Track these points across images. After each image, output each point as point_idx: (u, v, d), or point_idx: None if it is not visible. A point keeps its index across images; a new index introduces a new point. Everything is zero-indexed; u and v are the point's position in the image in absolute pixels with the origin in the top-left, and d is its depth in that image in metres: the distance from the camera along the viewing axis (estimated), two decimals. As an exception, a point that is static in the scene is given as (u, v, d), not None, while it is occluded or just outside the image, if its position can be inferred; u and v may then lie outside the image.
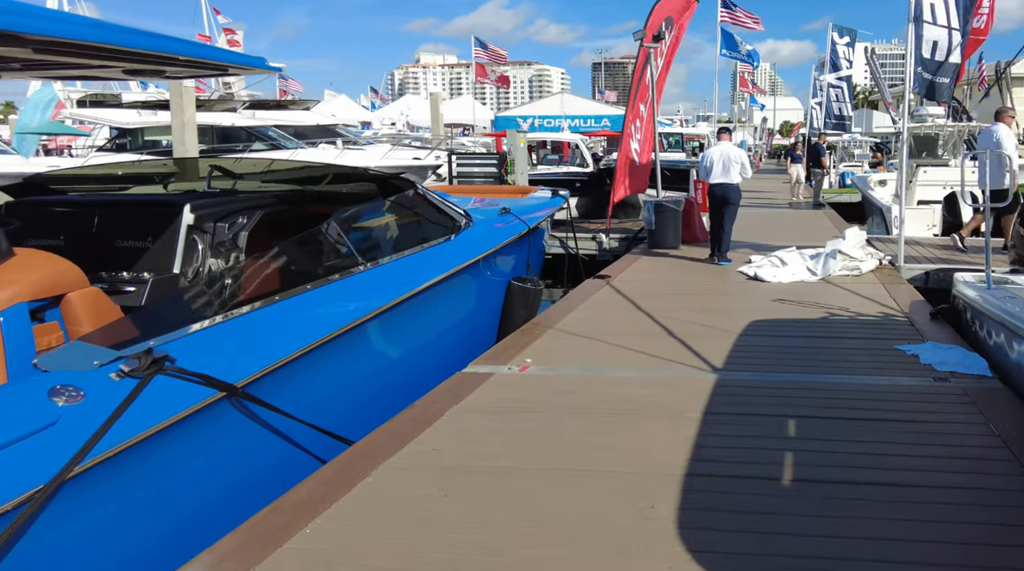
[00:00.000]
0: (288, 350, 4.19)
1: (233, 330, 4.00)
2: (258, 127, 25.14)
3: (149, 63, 4.41)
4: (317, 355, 4.43)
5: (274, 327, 4.28)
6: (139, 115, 25.29)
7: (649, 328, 6.85)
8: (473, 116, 37.33)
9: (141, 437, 3.18)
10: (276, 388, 4.09)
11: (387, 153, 24.66)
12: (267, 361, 4.03)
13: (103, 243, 5.19)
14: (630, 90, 12.93)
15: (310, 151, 24.49)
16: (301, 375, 4.35)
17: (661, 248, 11.66)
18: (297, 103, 32.26)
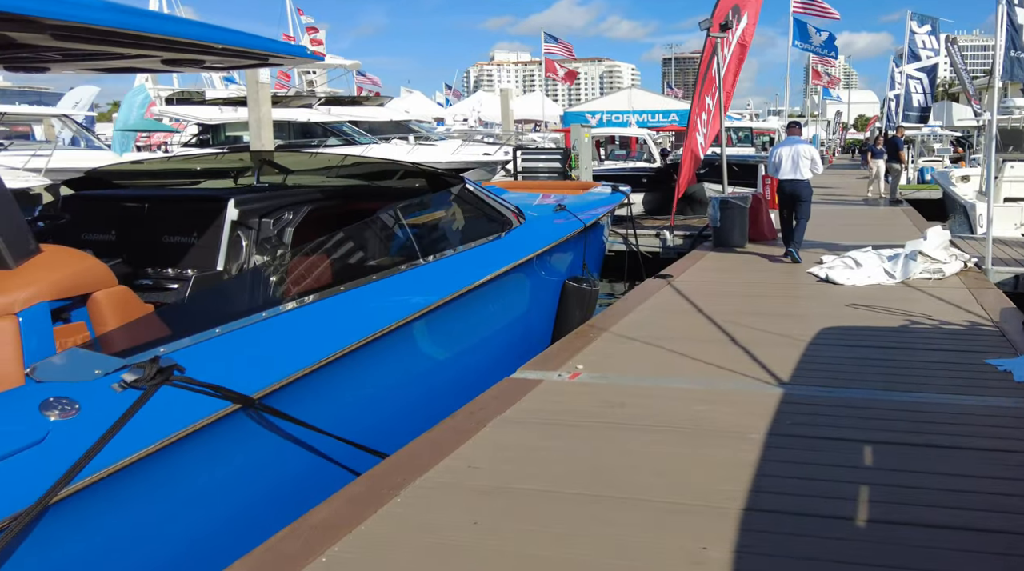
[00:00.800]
0: (323, 353, 3.84)
1: (263, 333, 3.65)
2: (333, 123, 25.25)
3: (186, 52, 4.12)
4: (356, 358, 4.07)
5: (309, 329, 3.93)
6: (220, 111, 25.66)
7: (710, 333, 6.29)
8: (542, 112, 36.83)
9: (140, 455, 2.85)
10: (309, 394, 3.75)
11: (457, 149, 24.47)
12: (299, 366, 3.68)
13: (150, 238, 4.97)
14: (695, 82, 12.26)
15: (383, 146, 24.48)
16: (338, 380, 4.00)
17: (726, 246, 11.00)
18: (371, 99, 32.34)
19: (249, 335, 3.58)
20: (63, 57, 4.18)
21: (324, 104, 27.46)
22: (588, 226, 6.92)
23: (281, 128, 25.45)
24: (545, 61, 33.56)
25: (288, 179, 5.97)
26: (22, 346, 3.29)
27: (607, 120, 34.06)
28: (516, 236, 5.79)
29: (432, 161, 23.91)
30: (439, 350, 5.06)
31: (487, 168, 22.20)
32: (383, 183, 5.70)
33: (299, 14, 47.99)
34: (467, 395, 4.91)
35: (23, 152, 16.44)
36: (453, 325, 5.12)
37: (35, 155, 16.20)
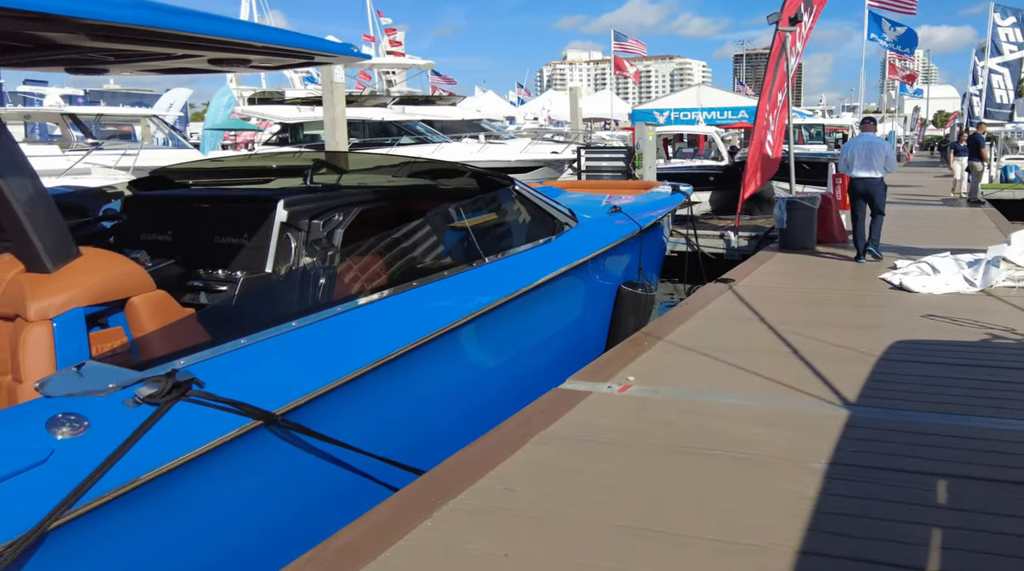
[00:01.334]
0: (363, 362, 3.61)
1: (298, 341, 3.44)
2: (407, 122, 25.34)
3: (231, 51, 3.96)
4: (398, 367, 3.84)
5: (348, 337, 3.70)
6: (299, 111, 25.99)
7: (771, 344, 5.83)
8: (611, 110, 36.20)
9: (151, 476, 2.65)
10: (347, 405, 3.53)
11: (526, 147, 24.25)
12: (337, 375, 3.45)
13: (202, 239, 4.85)
14: (763, 78, 11.65)
15: (454, 145, 24.47)
16: (379, 390, 3.78)
17: (793, 249, 10.40)
18: (444, 99, 32.36)
19: (283, 344, 3.37)
20: (115, 58, 4.07)
21: (398, 104, 27.62)
22: (645, 228, 6.53)
23: (356, 127, 25.71)
24: (614, 59, 32.96)
25: (341, 179, 5.78)
26: (56, 352, 3.16)
27: (675, 118, 33.23)
28: (568, 239, 5.46)
29: (501, 160, 23.74)
30: (486, 358, 4.79)
31: (555, 166, 21.88)
32: (433, 184, 5.45)
33: (379, 16, 48.60)
34: (516, 404, 4.64)
35: (114, 151, 16.88)
36: (500, 333, 4.84)
37: (124, 154, 16.61)
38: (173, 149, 20.94)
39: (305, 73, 39.09)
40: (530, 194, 5.28)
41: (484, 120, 30.36)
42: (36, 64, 4.33)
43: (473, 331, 4.53)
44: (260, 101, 29.87)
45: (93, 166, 15.38)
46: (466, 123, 27.63)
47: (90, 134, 19.08)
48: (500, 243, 4.94)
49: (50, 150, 15.55)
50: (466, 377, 4.61)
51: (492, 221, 5.00)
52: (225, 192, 5.41)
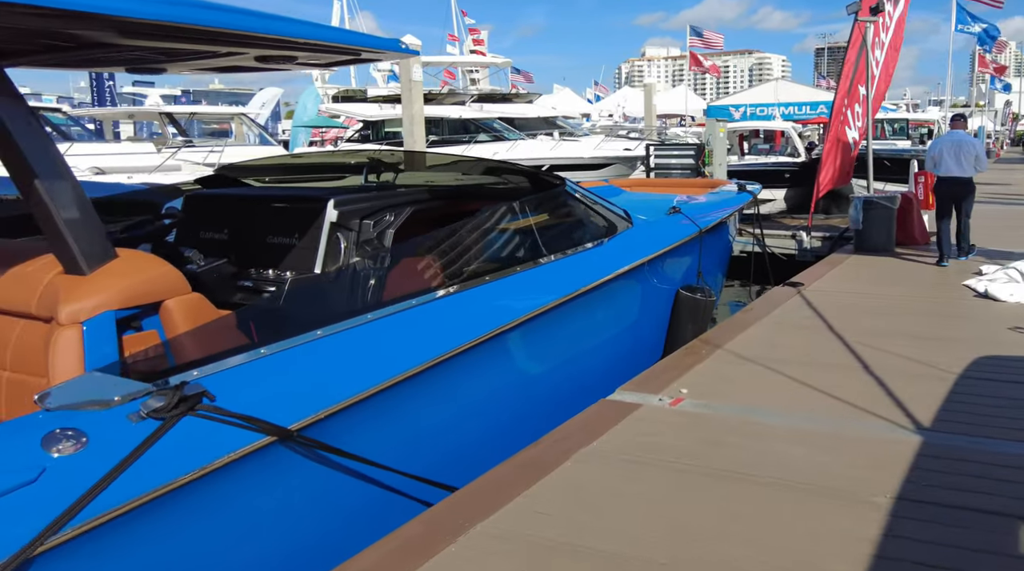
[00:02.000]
0: (400, 369, 3.39)
1: (334, 346, 3.24)
2: (483, 119, 25.28)
3: (275, 48, 3.80)
4: (438, 375, 3.62)
5: (389, 342, 3.49)
6: (380, 109, 26.23)
7: (838, 357, 5.33)
8: (685, 106, 35.21)
9: (152, 496, 2.46)
10: (382, 416, 3.33)
11: (598, 144, 23.85)
12: (370, 384, 3.23)
13: (254, 239, 4.74)
14: (841, 71, 10.91)
15: (529, 142, 24.29)
16: (417, 398, 3.56)
17: (870, 251, 9.70)
18: (521, 96, 32.16)
19: (313, 350, 3.16)
20: (167, 57, 3.96)
21: (476, 101, 27.59)
22: (705, 230, 6.09)
23: (435, 125, 25.80)
24: (690, 54, 32.00)
25: (398, 179, 5.59)
26: (85, 356, 3.03)
27: (751, 113, 32.07)
28: (621, 241, 5.10)
29: (574, 157, 23.37)
30: (531, 366, 4.50)
31: (627, 164, 21.39)
32: (486, 184, 5.18)
33: (463, 16, 48.82)
34: (565, 414, 4.36)
35: (203, 149, 17.29)
36: (548, 339, 4.55)
37: (212, 151, 17.00)
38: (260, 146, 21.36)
39: (388, 71, 39.56)
40: (582, 195, 4.95)
41: (560, 117, 30.04)
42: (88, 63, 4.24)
43: (518, 337, 4.27)
44: (343, 99, 30.27)
45: (184, 163, 15.77)
46: (542, 120, 27.39)
47: (184, 132, 19.64)
48: (549, 246, 4.63)
49: (146, 147, 16.02)
50: (510, 385, 4.34)
51: (541, 223, 4.69)
52: (277, 191, 5.28)
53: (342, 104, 29.59)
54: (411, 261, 4.26)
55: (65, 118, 18.52)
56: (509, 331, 4.10)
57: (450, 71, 40.28)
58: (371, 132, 26.67)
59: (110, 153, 14.68)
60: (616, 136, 27.19)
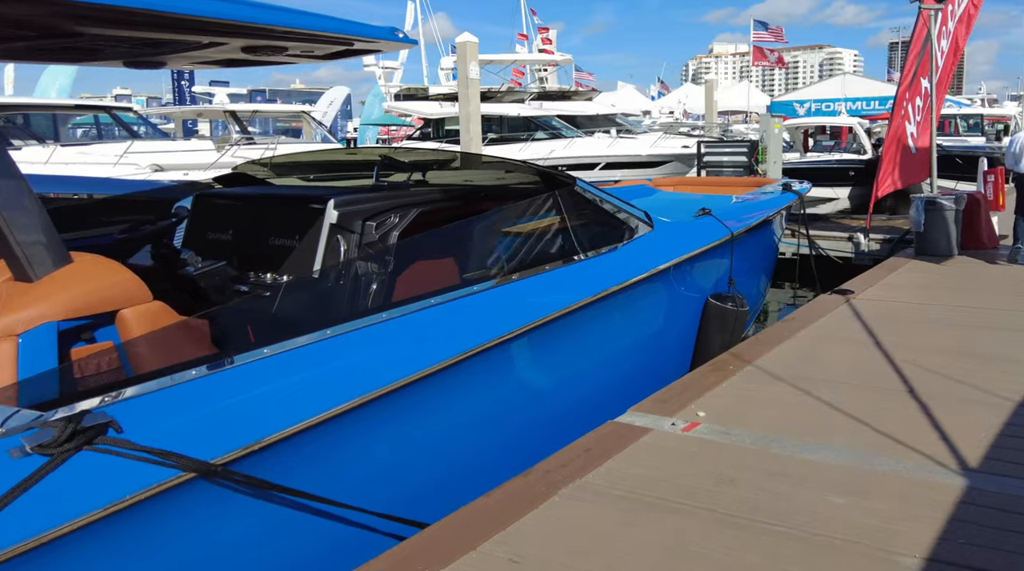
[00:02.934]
0: (368, 389, 3.03)
1: (297, 362, 2.89)
2: (542, 117, 24.89)
3: (262, 38, 3.49)
4: (415, 394, 3.26)
5: (364, 354, 3.13)
6: (440, 107, 26.10)
7: (883, 378, 4.72)
8: (748, 102, 33.94)
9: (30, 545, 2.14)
10: (345, 441, 2.98)
11: (656, 142, 23.20)
12: (331, 404, 2.88)
13: (254, 241, 4.46)
14: (904, 62, 10.05)
15: (586, 140, 23.84)
16: (394, 419, 3.21)
17: (931, 256, 8.88)
18: (580, 94, 31.60)
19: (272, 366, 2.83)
20: (153, 49, 3.69)
21: (536, 99, 27.21)
22: (737, 234, 5.52)
23: (494, 122, 25.55)
24: (753, 49, 30.77)
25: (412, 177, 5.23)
26: (18, 370, 2.75)
27: (816, 109, 30.71)
28: (639, 246, 4.61)
29: (631, 154, 22.71)
30: (532, 381, 4.08)
31: (685, 161, 20.65)
32: (495, 183, 4.77)
33: (532, 15, 48.44)
34: (572, 435, 3.94)
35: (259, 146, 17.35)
36: (555, 352, 4.13)
37: (267, 148, 17.05)
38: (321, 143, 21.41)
39: (451, 69, 39.53)
40: (596, 195, 4.48)
41: (619, 115, 29.40)
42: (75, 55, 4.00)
43: (519, 350, 3.85)
44: (405, 97, 30.25)
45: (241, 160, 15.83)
46: (601, 118, 26.85)
47: (246, 130, 19.82)
48: (557, 251, 4.20)
49: (204, 145, 16.16)
50: (506, 405, 3.92)
51: (547, 226, 4.26)
52: (280, 191, 4.98)
53: (404, 102, 29.58)
54: (404, 267, 3.92)
55: (136, 117, 18.89)
56: (508, 343, 3.70)
57: (518, 70, 40.16)
58: (432, 130, 26.61)
59: (168, 150, 14.85)
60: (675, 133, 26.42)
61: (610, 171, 22.26)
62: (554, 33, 48.02)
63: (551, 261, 4.06)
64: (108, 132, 17.71)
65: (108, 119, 17.50)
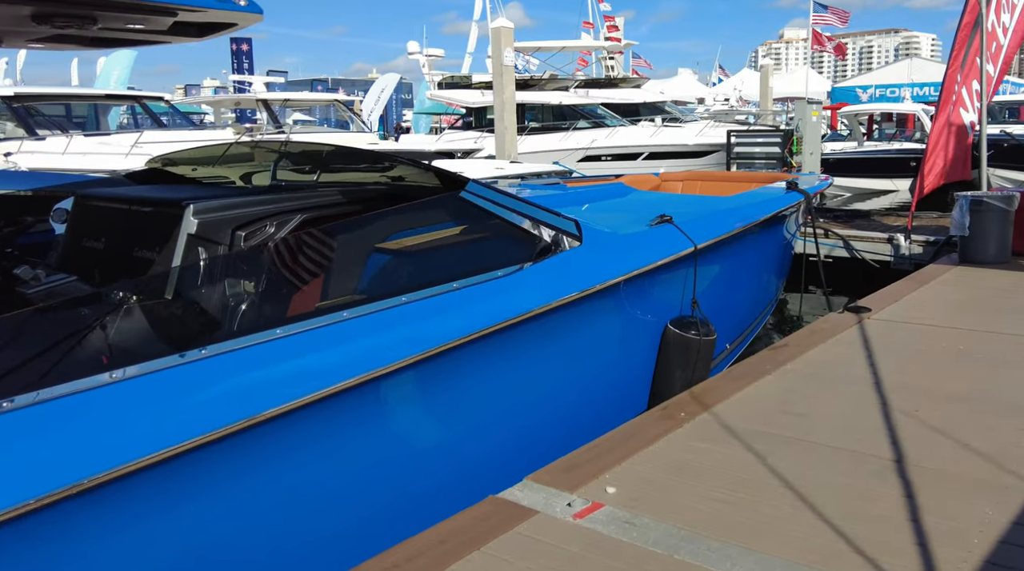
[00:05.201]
0: (198, 431, 2.40)
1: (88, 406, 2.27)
2: (585, 105, 23.87)
3: (57, 3, 2.77)
4: (245, 442, 2.55)
5: (179, 397, 2.48)
6: (482, 95, 25.28)
7: (871, 439, 3.60)
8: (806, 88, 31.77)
9: None
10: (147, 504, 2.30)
11: (702, 130, 21.88)
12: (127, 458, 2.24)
13: (115, 252, 3.74)
14: (954, 41, 8.61)
15: (629, 129, 22.81)
16: (193, 490, 2.47)
17: (977, 263, 7.54)
18: (628, 81, 30.29)
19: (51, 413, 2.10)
20: None
21: (581, 87, 26.16)
22: (703, 247, 4.44)
23: (536, 110, 24.67)
24: (812, 33, 28.67)
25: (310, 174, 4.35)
26: None
27: (880, 95, 28.60)
28: (556, 266, 3.61)
29: (676, 144, 21.43)
30: (398, 440, 3.17)
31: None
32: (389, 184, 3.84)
33: (599, 3, 47.04)
34: (458, 504, 3.05)
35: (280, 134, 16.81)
36: (437, 399, 3.22)
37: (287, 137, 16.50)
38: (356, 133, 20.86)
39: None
40: (497, 203, 3.49)
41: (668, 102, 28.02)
42: None
43: (362, 403, 2.96)
44: (448, 86, 29.53)
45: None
46: (648, 106, 25.59)
47: (276, 119, 19.37)
48: (433, 271, 3.26)
49: (220, 135, 15.69)
50: (366, 470, 3.03)
51: (424, 242, 3.33)
52: (140, 193, 4.17)
53: (446, 91, 28.88)
54: (273, 287, 3.12)
55: (167, 107, 18.67)
56: (358, 388, 2.83)
57: (583, 58, 39.36)
58: (474, 119, 25.94)
59: (180, 141, 14.41)
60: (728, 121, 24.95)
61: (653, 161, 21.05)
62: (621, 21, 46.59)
63: (423, 284, 3.12)
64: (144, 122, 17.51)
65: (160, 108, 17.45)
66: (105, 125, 18.92)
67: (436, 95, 29.34)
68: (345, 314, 2.96)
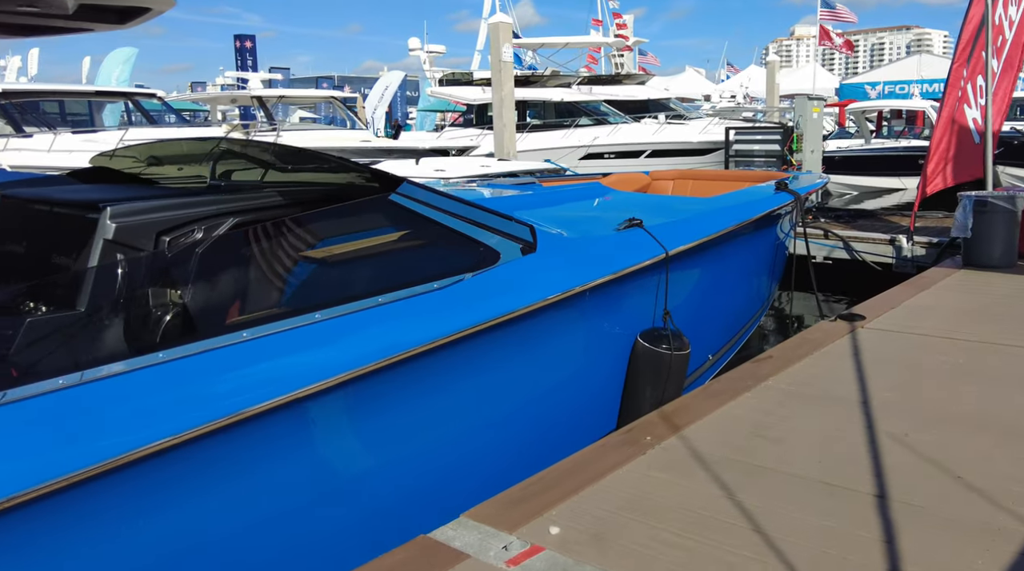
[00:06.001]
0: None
1: None
2: (588, 102, 23.53)
3: None
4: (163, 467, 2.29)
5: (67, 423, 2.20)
6: (483, 92, 24.97)
7: (850, 470, 3.22)
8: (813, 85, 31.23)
9: None
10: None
11: (706, 127, 21.52)
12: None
13: (32, 259, 3.43)
14: (959, 36, 8.19)
15: (632, 126, 22.48)
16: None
17: (982, 266, 7.13)
18: (632, 77, 29.90)
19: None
20: None
21: (584, 84, 25.82)
22: (675, 253, 4.07)
23: (537, 107, 24.38)
24: (820, 29, 28.15)
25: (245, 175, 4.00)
26: None
27: (888, 92, 28.07)
28: (500, 277, 3.24)
29: (678, 141, 21.05)
30: (330, 468, 2.84)
31: (737, 148, 18.85)
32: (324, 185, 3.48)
33: (608, 1, 46.60)
34: (393, 540, 2.72)
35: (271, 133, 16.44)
36: (358, 428, 2.88)
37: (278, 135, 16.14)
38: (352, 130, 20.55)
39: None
40: (436, 206, 3.13)
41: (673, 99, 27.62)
42: None
43: (291, 425, 2.64)
44: (449, 82, 29.19)
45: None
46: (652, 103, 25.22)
47: (271, 116, 19.05)
48: (357, 284, 2.92)
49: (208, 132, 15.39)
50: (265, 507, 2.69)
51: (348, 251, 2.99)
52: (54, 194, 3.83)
53: (446, 88, 28.59)
54: (199, 297, 2.82)
55: (160, 104, 18.41)
56: (273, 413, 2.51)
57: (592, 56, 39.15)
58: (474, 116, 25.66)
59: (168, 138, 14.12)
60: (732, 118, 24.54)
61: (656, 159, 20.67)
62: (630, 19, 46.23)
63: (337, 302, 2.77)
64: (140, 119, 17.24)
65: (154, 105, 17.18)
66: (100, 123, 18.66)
67: (436, 92, 29.07)
68: (245, 335, 2.63)
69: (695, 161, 19.86)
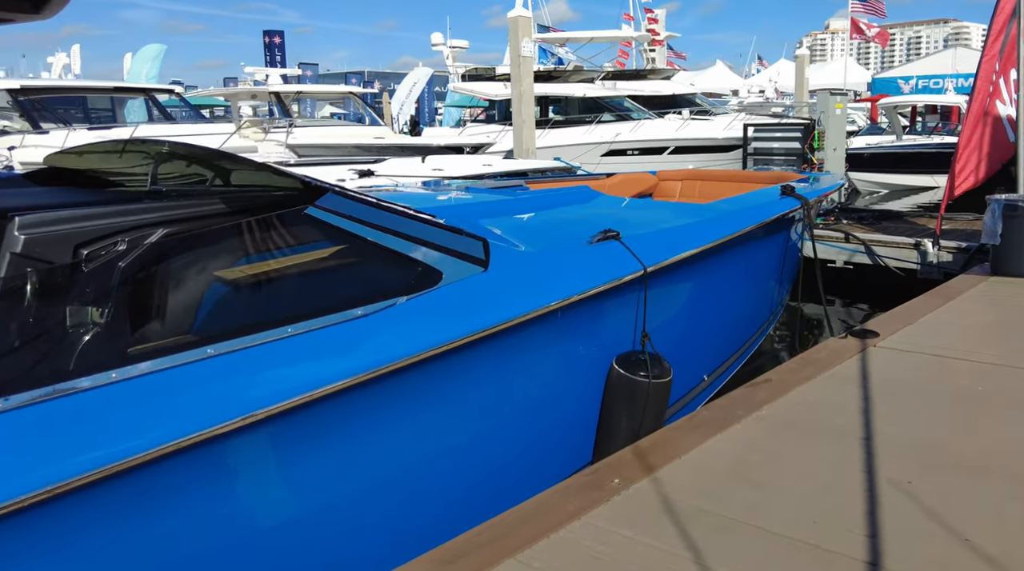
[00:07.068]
0: None
1: None
2: (611, 97, 23.09)
3: None
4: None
5: None
6: (505, 88, 24.60)
7: (843, 527, 2.78)
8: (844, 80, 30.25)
9: None
10: None
11: (730, 123, 20.96)
12: None
13: None
14: (989, 27, 7.58)
15: (656, 122, 22.03)
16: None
17: (1011, 275, 6.57)
18: (656, 72, 29.29)
19: None
20: None
21: (608, 79, 25.34)
22: (654, 269, 3.64)
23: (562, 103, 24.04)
24: (851, 21, 27.26)
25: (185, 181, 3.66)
26: None
27: (921, 86, 27.09)
28: (441, 300, 2.86)
29: (702, 137, 20.56)
30: (238, 518, 2.49)
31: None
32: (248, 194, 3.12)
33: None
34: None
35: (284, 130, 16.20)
36: (270, 475, 2.53)
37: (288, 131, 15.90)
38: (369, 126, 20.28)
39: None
40: (362, 221, 2.75)
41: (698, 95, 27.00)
42: None
43: (194, 470, 2.31)
44: (471, 78, 28.84)
45: (261, 143, 14.85)
46: (678, 98, 24.68)
47: (288, 112, 18.86)
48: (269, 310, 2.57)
49: (219, 128, 15.21)
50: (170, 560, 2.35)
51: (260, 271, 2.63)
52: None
53: (469, 83, 28.25)
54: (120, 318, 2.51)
55: (177, 99, 18.35)
56: (194, 449, 2.19)
57: (623, 50, 38.78)
58: (496, 112, 25.35)
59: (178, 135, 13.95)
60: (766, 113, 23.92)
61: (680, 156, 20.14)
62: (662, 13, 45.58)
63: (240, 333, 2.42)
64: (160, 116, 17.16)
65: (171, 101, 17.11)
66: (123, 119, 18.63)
67: (459, 87, 28.77)
68: (144, 367, 2.29)
69: (719, 157, 19.26)
